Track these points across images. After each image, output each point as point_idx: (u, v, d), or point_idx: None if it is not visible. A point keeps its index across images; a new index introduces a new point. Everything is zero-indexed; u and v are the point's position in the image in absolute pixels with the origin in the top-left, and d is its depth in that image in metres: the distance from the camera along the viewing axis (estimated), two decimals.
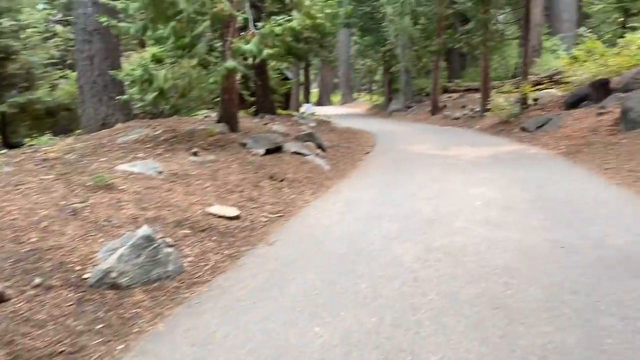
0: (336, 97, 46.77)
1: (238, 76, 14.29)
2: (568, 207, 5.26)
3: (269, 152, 7.79)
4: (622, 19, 18.81)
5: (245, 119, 11.44)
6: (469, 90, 23.34)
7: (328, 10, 8.20)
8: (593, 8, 20.18)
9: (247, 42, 7.49)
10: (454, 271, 3.56)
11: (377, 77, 36.90)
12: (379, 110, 29.96)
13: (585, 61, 14.20)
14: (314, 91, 47.62)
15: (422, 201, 5.76)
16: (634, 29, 17.39)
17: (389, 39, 24.95)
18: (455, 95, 23.96)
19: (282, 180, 6.56)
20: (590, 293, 3.11)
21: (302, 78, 37.40)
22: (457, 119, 18.46)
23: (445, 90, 24.71)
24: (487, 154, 9.35)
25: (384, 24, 24.18)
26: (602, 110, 10.37)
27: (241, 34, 8.19)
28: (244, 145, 7.89)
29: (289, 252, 4.22)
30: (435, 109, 21.20)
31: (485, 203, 5.52)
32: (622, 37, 15.69)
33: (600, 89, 11.67)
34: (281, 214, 5.36)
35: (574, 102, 12.30)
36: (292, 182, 6.61)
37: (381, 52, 28.10)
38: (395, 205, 5.63)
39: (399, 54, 24.26)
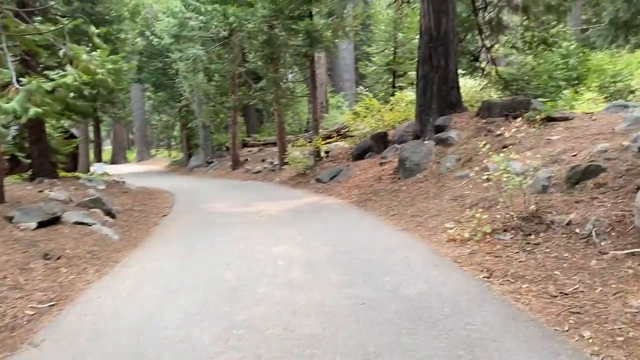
0: (132, 155, 44.30)
1: (9, 137, 12.40)
2: (363, 257, 5.44)
3: (43, 224, 6.65)
4: (391, 79, 21.60)
5: (16, 186, 9.81)
6: (267, 144, 24.20)
7: (110, 66, 7.53)
8: (367, 69, 22.83)
9: (9, 100, 6.41)
10: (257, 351, 3.25)
11: (175, 133, 36.15)
12: (179, 167, 29.14)
13: (365, 116, 15.84)
14: (107, 149, 44.59)
15: (224, 267, 5.41)
16: (401, 88, 20.10)
17: (184, 95, 24.64)
18: (255, 149, 24.58)
19: (58, 259, 5.58)
20: (392, 353, 3.09)
21: (92, 135, 34.66)
22: (258, 172, 18.79)
23: (245, 145, 25.22)
24: (287, 208, 9.48)
25: (177, 79, 23.86)
26: (384, 160, 11.47)
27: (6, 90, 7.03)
28: (10, 219, 6.62)
29: (60, 353, 3.44)
30: (236, 164, 21.35)
31: (287, 262, 5.41)
32: (393, 95, 18.00)
33: (380, 141, 12.99)
34: (54, 302, 4.45)
35: (360, 154, 13.46)
36: (72, 260, 5.66)
37: (177, 108, 27.61)
38: (194, 275, 5.17)
39: (196, 109, 24.07)
